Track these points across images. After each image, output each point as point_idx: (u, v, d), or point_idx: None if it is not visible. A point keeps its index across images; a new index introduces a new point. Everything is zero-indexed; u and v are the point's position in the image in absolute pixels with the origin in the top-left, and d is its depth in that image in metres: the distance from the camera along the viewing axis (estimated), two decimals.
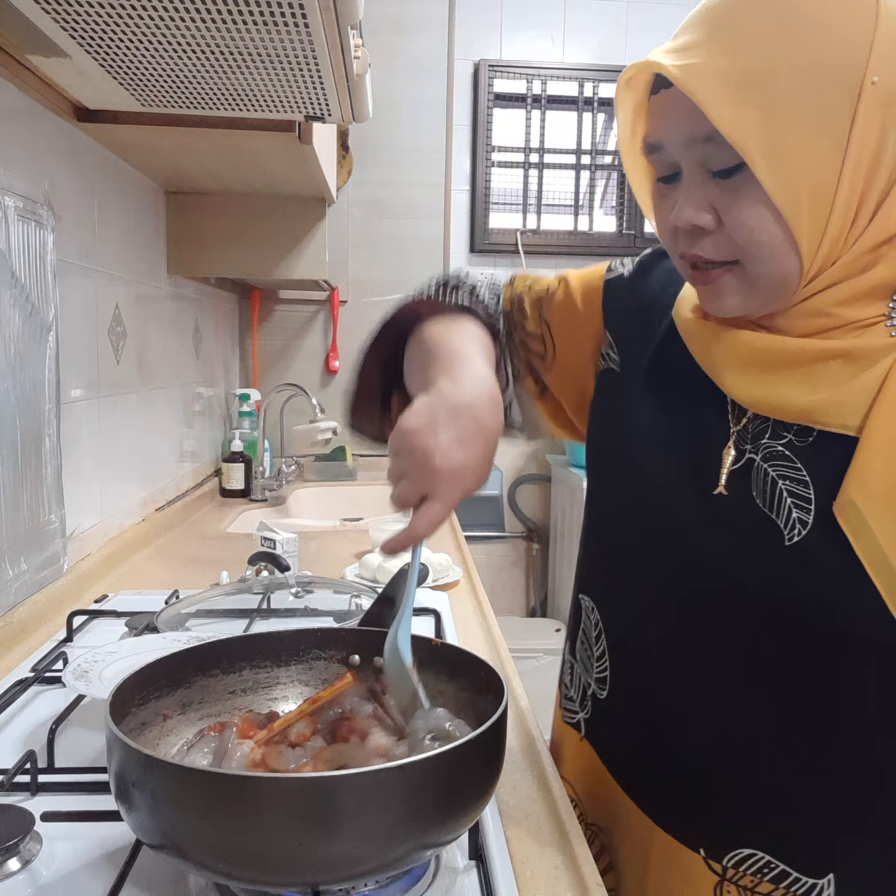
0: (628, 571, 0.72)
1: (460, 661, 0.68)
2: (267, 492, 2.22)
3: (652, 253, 0.79)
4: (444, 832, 0.53)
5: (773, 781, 0.63)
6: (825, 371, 0.59)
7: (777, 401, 0.61)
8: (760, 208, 0.57)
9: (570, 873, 0.62)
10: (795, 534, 0.59)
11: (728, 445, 0.64)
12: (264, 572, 1.22)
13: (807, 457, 0.60)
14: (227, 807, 0.48)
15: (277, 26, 0.88)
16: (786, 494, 0.60)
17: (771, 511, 0.61)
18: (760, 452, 0.62)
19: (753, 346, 0.62)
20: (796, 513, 0.60)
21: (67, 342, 1.24)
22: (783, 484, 0.61)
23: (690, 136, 0.58)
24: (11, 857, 0.60)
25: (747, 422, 0.64)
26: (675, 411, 0.69)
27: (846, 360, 0.58)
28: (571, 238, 2.90)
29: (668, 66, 0.57)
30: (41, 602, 1.12)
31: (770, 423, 0.62)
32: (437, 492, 0.61)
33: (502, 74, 2.81)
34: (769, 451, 0.62)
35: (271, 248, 1.91)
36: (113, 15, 0.87)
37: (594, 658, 0.77)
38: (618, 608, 0.74)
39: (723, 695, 0.65)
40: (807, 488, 0.60)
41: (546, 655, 2.49)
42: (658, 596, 0.69)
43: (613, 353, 0.77)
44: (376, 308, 2.63)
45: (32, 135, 1.14)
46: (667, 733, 0.69)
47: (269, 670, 0.72)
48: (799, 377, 0.60)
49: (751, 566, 0.62)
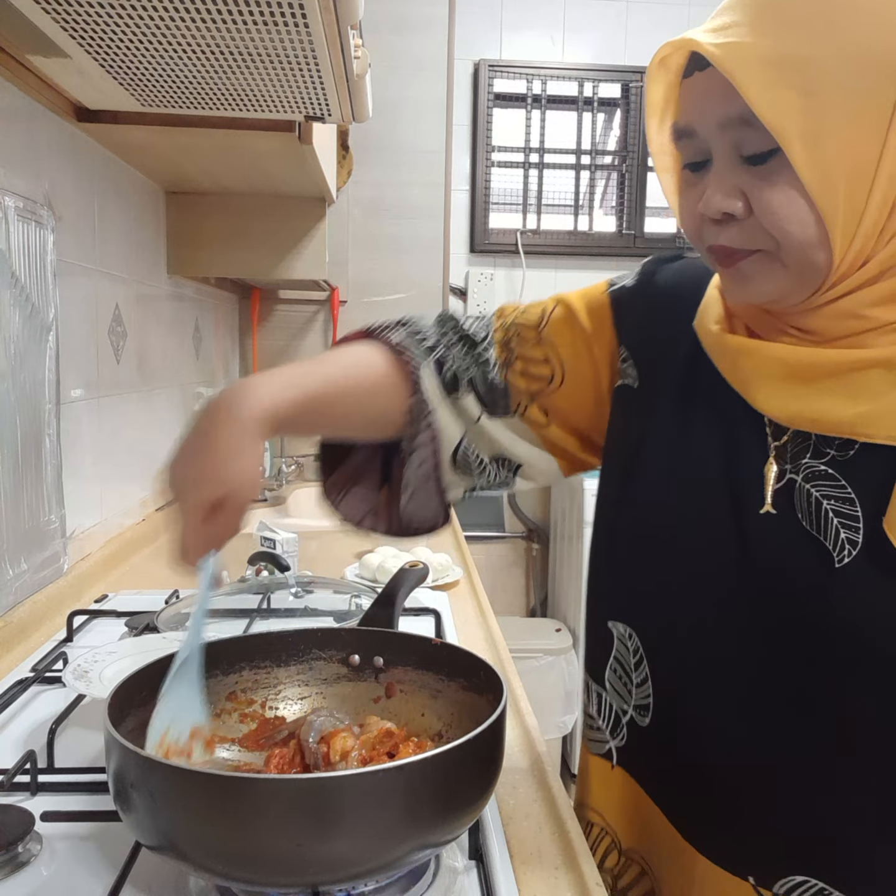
0: (675, 595, 0.68)
1: (460, 661, 0.68)
2: (267, 492, 2.22)
3: (651, 261, 0.77)
4: (444, 832, 0.53)
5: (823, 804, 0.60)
6: (865, 381, 0.56)
7: (816, 415, 0.58)
8: (794, 195, 0.54)
9: (570, 873, 0.62)
10: (846, 554, 0.57)
11: (769, 461, 0.61)
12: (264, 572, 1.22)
13: (851, 472, 0.57)
14: (225, 808, 0.48)
15: (277, 26, 0.88)
16: (832, 515, 0.58)
17: (819, 533, 0.58)
18: (801, 473, 0.60)
19: (785, 360, 0.59)
20: (844, 533, 0.57)
21: (67, 342, 1.24)
22: (828, 504, 0.58)
23: (725, 117, 0.56)
24: (11, 857, 0.60)
25: (787, 440, 0.61)
26: (704, 428, 0.66)
27: (887, 369, 0.56)
28: (571, 238, 2.90)
29: (706, 45, 0.54)
30: (41, 602, 1.12)
31: (812, 441, 0.60)
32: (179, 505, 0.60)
33: (502, 74, 2.81)
34: (810, 470, 0.59)
35: (271, 248, 1.91)
36: (113, 15, 0.86)
37: (633, 685, 0.72)
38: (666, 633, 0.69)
39: (764, 716, 0.62)
40: (853, 506, 0.57)
41: (546, 655, 2.49)
42: (707, 617, 0.65)
43: (630, 368, 0.74)
44: (376, 308, 2.65)
45: (32, 135, 1.14)
46: (709, 756, 0.66)
47: (269, 670, 0.72)
48: (837, 388, 0.57)
49: (801, 588, 0.59)
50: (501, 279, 2.89)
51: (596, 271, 2.92)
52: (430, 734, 0.68)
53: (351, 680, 0.72)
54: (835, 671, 0.59)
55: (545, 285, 2.92)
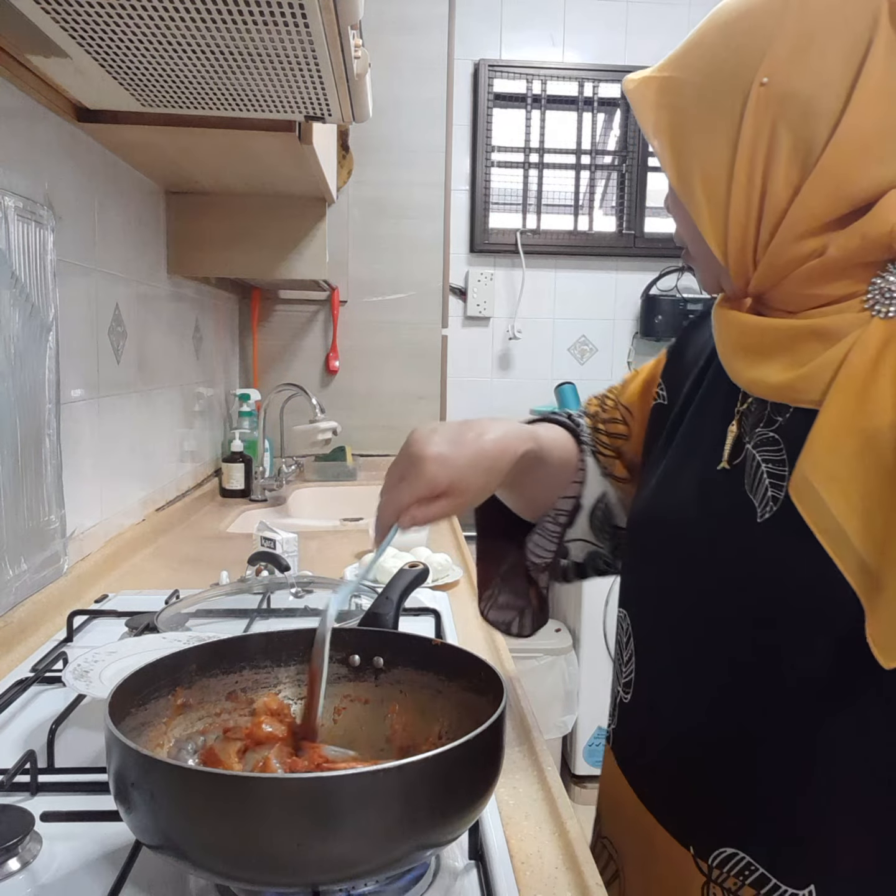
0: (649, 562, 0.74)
1: (460, 661, 0.68)
2: (267, 492, 2.22)
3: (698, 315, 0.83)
4: (444, 832, 0.53)
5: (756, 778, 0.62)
6: (804, 349, 0.60)
7: (762, 379, 0.62)
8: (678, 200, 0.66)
9: (569, 873, 0.62)
10: (767, 511, 0.61)
11: (732, 423, 0.66)
12: (264, 572, 1.22)
13: (785, 435, 0.62)
14: (226, 807, 0.48)
15: (277, 26, 0.88)
16: (765, 476, 0.62)
17: (752, 493, 0.63)
18: (754, 440, 0.64)
19: (743, 324, 0.65)
20: (771, 491, 0.61)
21: (67, 342, 1.24)
22: (765, 466, 0.62)
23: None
24: (11, 857, 0.60)
25: (748, 406, 0.66)
26: (709, 420, 0.71)
27: (819, 338, 0.59)
28: (571, 238, 2.90)
29: (627, 79, 0.67)
30: (41, 602, 1.12)
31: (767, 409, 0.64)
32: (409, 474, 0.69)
33: (502, 74, 2.81)
34: (760, 436, 0.64)
35: (271, 248, 1.91)
36: (113, 15, 0.87)
37: (623, 663, 0.77)
38: (644, 608, 0.75)
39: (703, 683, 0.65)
40: (783, 467, 0.61)
41: (546, 655, 2.49)
42: (669, 583, 0.70)
43: (662, 390, 0.81)
44: (376, 308, 2.65)
45: (32, 135, 1.14)
46: (671, 727, 0.69)
47: (269, 670, 0.72)
48: (784, 357, 0.61)
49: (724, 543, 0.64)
50: (501, 279, 2.89)
51: (596, 271, 2.92)
52: (430, 734, 0.68)
53: (351, 680, 0.72)
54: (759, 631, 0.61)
55: (545, 285, 2.92)
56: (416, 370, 2.68)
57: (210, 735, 0.66)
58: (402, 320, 2.66)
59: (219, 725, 0.68)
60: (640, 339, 2.93)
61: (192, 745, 0.65)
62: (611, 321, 2.95)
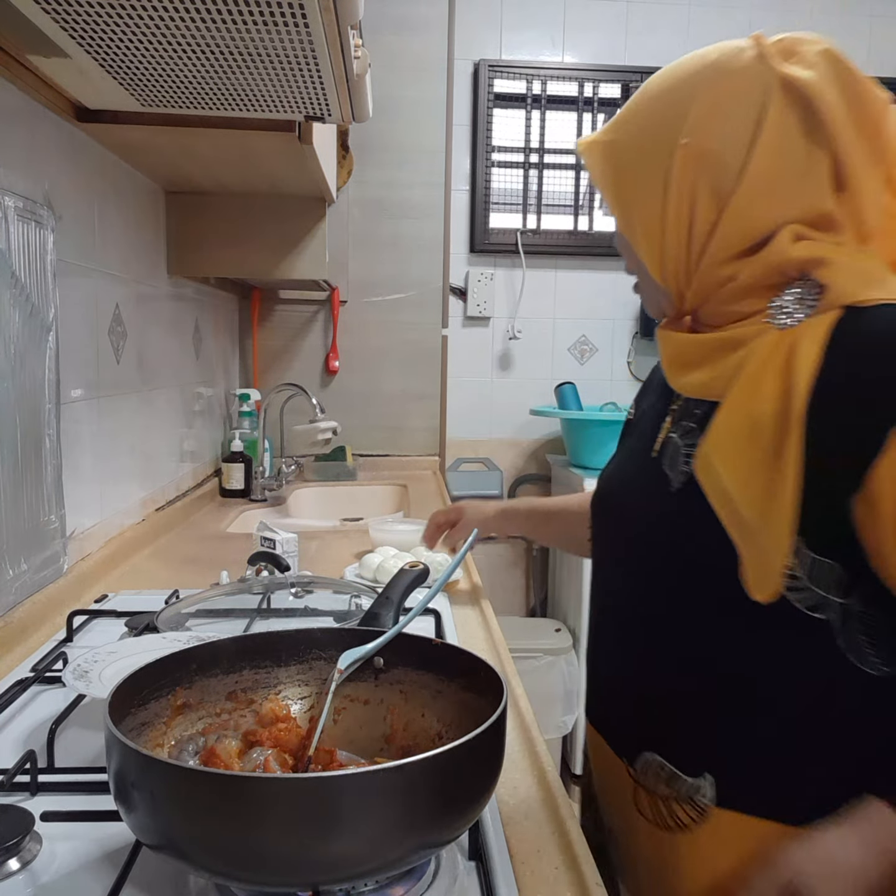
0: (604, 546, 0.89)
1: (460, 661, 0.68)
2: (267, 492, 2.22)
3: None
4: (444, 832, 0.54)
5: (660, 682, 0.75)
6: (720, 356, 0.72)
7: (690, 382, 0.75)
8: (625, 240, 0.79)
9: (569, 873, 0.62)
10: (679, 482, 0.75)
11: (667, 419, 0.81)
12: (264, 572, 1.22)
13: (703, 423, 0.73)
14: (226, 807, 0.48)
15: (277, 26, 0.88)
16: (682, 456, 0.76)
17: (671, 469, 0.76)
18: (679, 430, 0.78)
19: (678, 341, 0.78)
20: (684, 467, 0.75)
21: (67, 342, 1.24)
22: (684, 448, 0.76)
23: None
24: (11, 857, 0.60)
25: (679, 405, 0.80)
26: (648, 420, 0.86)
27: (731, 346, 0.72)
28: (571, 238, 2.90)
29: (578, 142, 0.80)
30: (41, 602, 1.12)
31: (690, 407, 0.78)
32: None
33: (502, 74, 2.81)
34: (684, 427, 0.77)
35: (271, 248, 1.91)
36: (113, 15, 0.87)
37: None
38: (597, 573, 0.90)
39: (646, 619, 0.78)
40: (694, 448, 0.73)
41: (546, 655, 2.49)
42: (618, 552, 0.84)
43: (632, 408, 0.96)
44: (376, 308, 2.65)
45: (32, 135, 1.14)
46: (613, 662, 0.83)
47: (269, 670, 0.72)
48: (707, 363, 0.74)
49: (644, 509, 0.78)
50: (501, 279, 2.89)
51: (596, 271, 2.92)
52: (430, 734, 0.68)
53: (351, 680, 0.72)
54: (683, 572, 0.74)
55: (545, 285, 2.92)
56: (416, 370, 2.68)
57: (210, 735, 0.66)
58: (402, 320, 2.66)
59: (219, 725, 0.68)
60: (640, 339, 2.92)
61: (193, 745, 0.65)
62: (611, 321, 2.95)
